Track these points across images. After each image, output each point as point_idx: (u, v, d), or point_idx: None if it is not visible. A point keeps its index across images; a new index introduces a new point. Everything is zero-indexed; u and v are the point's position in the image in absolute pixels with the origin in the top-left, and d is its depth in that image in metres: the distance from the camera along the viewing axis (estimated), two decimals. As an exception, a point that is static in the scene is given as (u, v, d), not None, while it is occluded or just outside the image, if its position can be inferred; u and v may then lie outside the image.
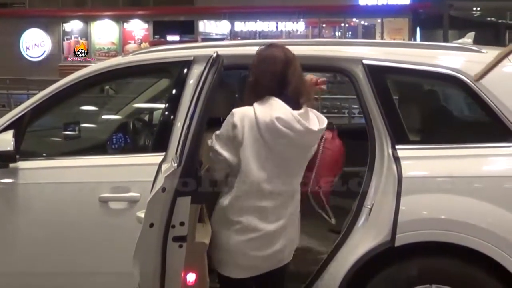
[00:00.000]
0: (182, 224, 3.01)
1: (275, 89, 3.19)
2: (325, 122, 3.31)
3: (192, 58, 3.74)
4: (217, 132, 3.26)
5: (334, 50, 3.80)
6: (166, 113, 3.78)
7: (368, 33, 29.42)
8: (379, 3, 27.17)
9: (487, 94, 3.42)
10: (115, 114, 5.00)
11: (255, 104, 3.18)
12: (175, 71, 3.82)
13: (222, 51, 3.48)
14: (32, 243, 3.74)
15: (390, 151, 3.45)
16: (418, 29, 28.83)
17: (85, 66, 4.06)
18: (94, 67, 3.97)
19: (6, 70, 23.77)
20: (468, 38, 4.18)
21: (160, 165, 3.48)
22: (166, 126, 3.69)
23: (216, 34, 29.24)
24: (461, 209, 3.32)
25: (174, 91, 3.80)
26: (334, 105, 15.99)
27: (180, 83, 3.71)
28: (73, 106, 4.61)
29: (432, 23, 28.08)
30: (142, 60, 3.93)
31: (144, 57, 3.99)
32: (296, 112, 3.16)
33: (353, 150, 3.75)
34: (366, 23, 29.39)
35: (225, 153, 3.20)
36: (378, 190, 3.45)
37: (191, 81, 3.66)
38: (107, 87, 4.39)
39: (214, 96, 3.25)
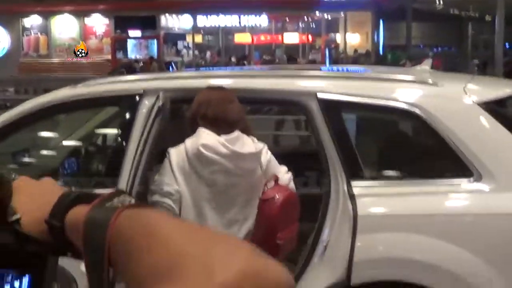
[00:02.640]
0: None
1: (197, 116, 3.18)
2: (259, 147, 3.21)
3: (142, 91, 3.65)
4: (157, 180, 3.19)
5: (288, 83, 3.73)
6: (116, 149, 3.71)
7: (332, 26, 29.49)
8: (342, -3, 27.24)
9: (444, 129, 3.36)
10: (66, 139, 4.88)
11: (187, 139, 3.15)
12: (125, 104, 3.77)
13: (170, 84, 3.42)
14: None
15: (345, 188, 3.38)
16: (381, 22, 28.99)
17: (46, 63, 4.00)
18: (42, 99, 3.86)
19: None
20: (426, 65, 4.14)
21: None
22: (116, 159, 3.60)
23: (178, 29, 29.06)
24: (416, 247, 3.28)
25: (124, 126, 3.73)
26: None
27: (131, 117, 3.64)
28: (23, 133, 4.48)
29: (395, 16, 28.25)
30: (92, 93, 3.86)
31: (94, 89, 3.90)
32: (223, 137, 3.10)
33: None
34: (329, 17, 29.45)
35: (176, 186, 3.12)
36: (333, 227, 3.38)
37: (141, 114, 3.58)
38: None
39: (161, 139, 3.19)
